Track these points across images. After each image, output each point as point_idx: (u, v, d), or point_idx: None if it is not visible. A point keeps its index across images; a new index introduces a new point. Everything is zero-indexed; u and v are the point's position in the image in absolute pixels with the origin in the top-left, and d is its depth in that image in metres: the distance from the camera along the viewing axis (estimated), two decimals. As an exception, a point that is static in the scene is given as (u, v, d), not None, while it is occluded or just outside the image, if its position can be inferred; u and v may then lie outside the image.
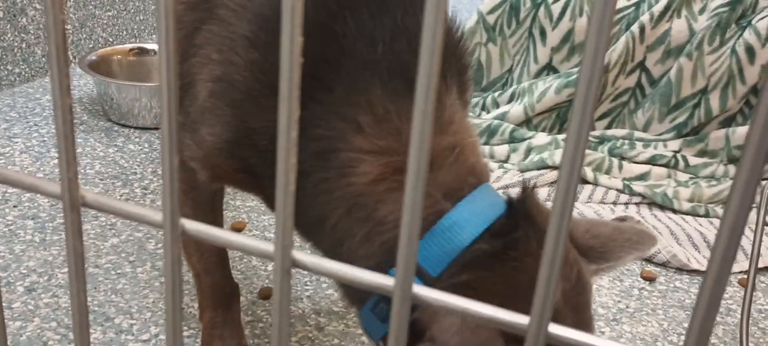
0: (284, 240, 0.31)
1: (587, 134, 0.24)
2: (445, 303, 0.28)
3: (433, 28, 0.23)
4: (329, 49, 0.65)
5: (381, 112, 0.65)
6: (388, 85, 0.65)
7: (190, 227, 0.34)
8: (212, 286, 0.90)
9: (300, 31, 0.23)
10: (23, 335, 0.99)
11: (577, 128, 0.24)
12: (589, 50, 0.23)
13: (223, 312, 0.91)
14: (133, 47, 1.82)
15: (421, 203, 0.25)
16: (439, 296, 0.28)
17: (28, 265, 1.13)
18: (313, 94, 0.64)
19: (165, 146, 0.32)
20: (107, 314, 1.04)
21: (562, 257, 0.26)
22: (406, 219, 0.25)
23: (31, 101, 1.75)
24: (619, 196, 1.53)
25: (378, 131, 0.65)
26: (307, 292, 1.15)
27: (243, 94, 0.69)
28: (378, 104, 0.65)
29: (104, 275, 1.13)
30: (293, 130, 0.24)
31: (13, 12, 1.77)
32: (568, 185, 0.25)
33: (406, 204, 0.25)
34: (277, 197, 0.30)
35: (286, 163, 0.29)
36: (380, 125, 0.65)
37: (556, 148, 1.63)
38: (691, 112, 1.69)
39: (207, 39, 0.70)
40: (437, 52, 0.23)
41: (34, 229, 1.23)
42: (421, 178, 0.23)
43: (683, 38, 1.69)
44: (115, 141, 1.61)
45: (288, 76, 0.24)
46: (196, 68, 0.71)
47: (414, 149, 0.23)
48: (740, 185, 0.23)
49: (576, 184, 0.25)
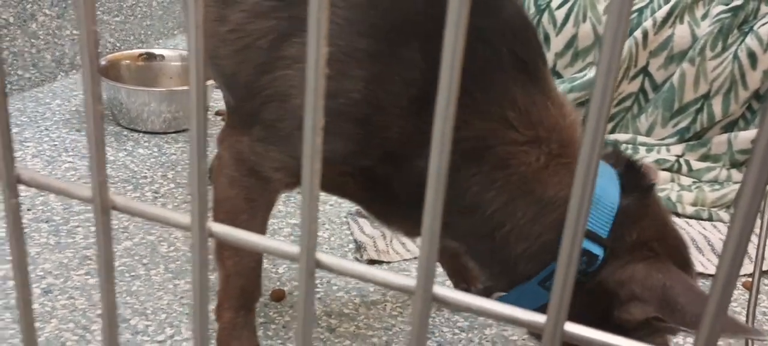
0: (309, 242, 0.32)
1: (604, 128, 0.26)
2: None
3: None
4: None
5: (522, 107, 0.74)
6: (518, 81, 0.74)
7: (217, 230, 0.35)
8: (241, 288, 0.91)
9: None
10: (42, 335, 1.00)
11: (594, 127, 0.25)
12: (604, 60, 0.25)
13: (245, 314, 0.92)
14: (142, 52, 1.84)
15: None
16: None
17: (44, 267, 1.15)
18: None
19: (193, 151, 0.34)
20: (123, 315, 1.06)
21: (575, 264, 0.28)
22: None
23: (41, 106, 1.77)
24: (623, 199, 1.55)
25: (525, 124, 0.74)
26: (318, 294, 1.17)
27: (370, 108, 0.74)
28: (518, 100, 0.74)
29: (118, 277, 1.15)
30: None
31: (24, 17, 1.79)
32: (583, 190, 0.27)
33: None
34: (302, 202, 0.31)
35: (311, 168, 0.31)
36: (525, 119, 0.74)
37: (561, 152, 1.65)
38: (693, 117, 1.71)
39: (304, 52, 0.72)
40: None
41: (49, 232, 1.25)
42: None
43: (686, 44, 1.71)
44: (124, 145, 1.63)
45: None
46: (292, 81, 0.75)
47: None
48: (748, 190, 0.25)
49: (590, 196, 0.27)
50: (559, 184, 0.74)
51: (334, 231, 1.36)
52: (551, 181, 0.74)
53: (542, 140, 0.75)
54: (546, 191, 0.74)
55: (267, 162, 0.80)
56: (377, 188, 0.80)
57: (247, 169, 0.83)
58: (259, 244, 0.35)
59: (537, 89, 0.76)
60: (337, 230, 1.36)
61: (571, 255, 0.28)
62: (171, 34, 2.43)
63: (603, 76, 0.25)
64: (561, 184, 0.74)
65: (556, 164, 0.75)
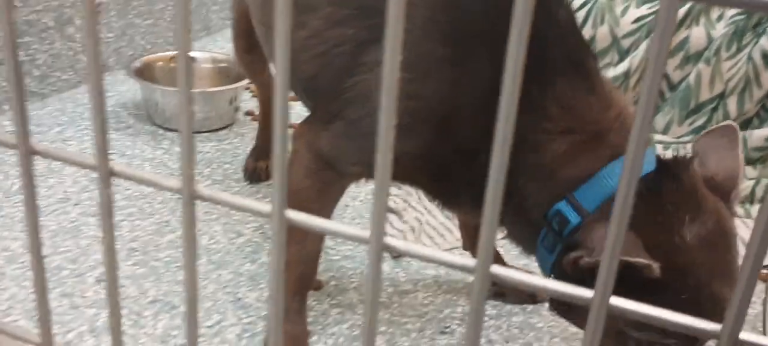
0: (378, 227, 0.38)
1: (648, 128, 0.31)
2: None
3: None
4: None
5: (566, 102, 0.81)
6: (567, 79, 0.82)
7: (293, 217, 0.41)
8: (300, 275, 0.98)
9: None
10: (98, 320, 1.07)
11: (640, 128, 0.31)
12: (651, 62, 0.31)
13: (299, 300, 0.99)
14: (175, 54, 1.91)
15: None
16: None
17: (96, 257, 1.22)
18: None
19: (278, 143, 0.39)
20: (172, 303, 1.13)
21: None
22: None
23: (79, 106, 1.84)
24: (641, 195, 1.61)
25: (563, 116, 0.81)
26: (354, 284, 1.24)
27: (448, 109, 0.83)
28: (562, 96, 0.81)
29: (165, 267, 1.22)
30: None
31: (62, 21, 1.86)
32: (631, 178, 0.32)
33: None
34: (374, 192, 0.36)
35: (384, 161, 0.36)
36: (565, 112, 0.81)
37: (580, 150, 1.71)
38: (709, 116, 1.76)
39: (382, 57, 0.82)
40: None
41: (97, 226, 1.31)
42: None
43: (702, 45, 1.76)
44: (161, 144, 1.70)
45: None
46: (371, 84, 0.83)
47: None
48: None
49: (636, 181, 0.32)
50: (574, 166, 0.81)
51: (365, 226, 1.42)
52: (567, 163, 0.81)
53: (575, 131, 0.82)
54: (559, 170, 0.82)
55: (345, 156, 0.89)
56: (444, 178, 0.89)
57: (324, 162, 0.91)
58: (333, 229, 0.41)
59: (584, 87, 0.83)
60: (367, 226, 1.42)
61: (618, 236, 0.33)
62: (197, 36, 2.50)
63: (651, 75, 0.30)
64: (576, 166, 0.81)
65: (579, 150, 0.82)
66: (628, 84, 1.78)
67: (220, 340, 1.06)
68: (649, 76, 0.28)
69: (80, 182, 1.46)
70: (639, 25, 1.82)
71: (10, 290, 1.11)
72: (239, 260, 1.27)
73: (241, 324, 1.10)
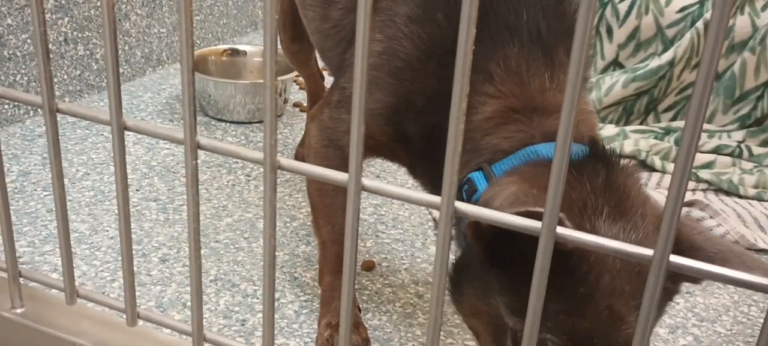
0: (450, 192, 0.42)
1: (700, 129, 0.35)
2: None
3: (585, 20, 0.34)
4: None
5: (513, 66, 0.79)
6: (525, 47, 0.79)
7: (368, 184, 0.45)
8: (336, 254, 1.02)
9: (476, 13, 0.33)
10: (164, 296, 1.13)
11: (692, 129, 0.34)
12: (704, 64, 0.34)
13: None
14: (227, 48, 1.97)
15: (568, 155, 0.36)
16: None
17: (158, 239, 1.28)
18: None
19: (355, 117, 0.43)
20: (233, 281, 1.18)
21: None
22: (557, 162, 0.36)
23: (134, 99, 1.91)
24: (686, 183, 1.62)
25: (505, 80, 0.79)
26: (405, 265, 1.28)
27: (403, 63, 0.85)
28: (511, 59, 0.79)
29: (224, 249, 1.27)
30: (464, 96, 0.34)
31: (118, 17, 1.93)
32: (683, 175, 0.36)
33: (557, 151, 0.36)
34: (446, 154, 0.39)
35: (456, 129, 0.40)
36: (508, 76, 0.78)
37: (624, 139, 1.73)
38: (754, 104, 1.77)
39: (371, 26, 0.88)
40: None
41: (158, 209, 1.37)
42: (568, 138, 0.34)
43: (746, 34, 1.77)
44: (214, 134, 1.76)
45: (464, 46, 0.34)
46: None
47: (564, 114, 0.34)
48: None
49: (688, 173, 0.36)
50: (500, 136, 0.77)
51: (413, 210, 1.46)
52: (495, 130, 0.78)
53: (512, 95, 0.78)
54: (484, 138, 0.78)
55: (341, 126, 0.93)
56: (410, 150, 0.90)
57: (327, 138, 0.95)
58: (404, 194, 0.45)
59: (539, 60, 0.79)
60: (415, 209, 1.47)
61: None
62: (244, 31, 2.56)
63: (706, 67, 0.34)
64: (501, 136, 0.77)
65: (510, 119, 0.78)
66: (672, 73, 1.79)
67: (279, 315, 1.10)
68: (703, 69, 0.31)
69: (140, 170, 1.52)
70: (684, 15, 1.83)
71: (81, 268, 1.17)
72: (295, 242, 1.32)
73: (299, 301, 1.15)
